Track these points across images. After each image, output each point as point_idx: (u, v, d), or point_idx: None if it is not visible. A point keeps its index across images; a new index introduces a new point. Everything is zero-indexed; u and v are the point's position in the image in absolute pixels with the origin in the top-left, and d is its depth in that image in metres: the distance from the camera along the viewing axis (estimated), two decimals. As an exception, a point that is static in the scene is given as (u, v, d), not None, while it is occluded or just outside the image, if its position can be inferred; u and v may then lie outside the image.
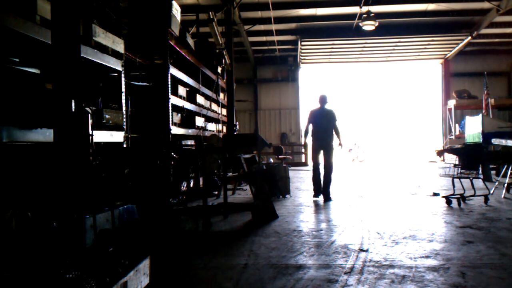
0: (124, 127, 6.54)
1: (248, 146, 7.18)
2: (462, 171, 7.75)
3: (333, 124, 8.55)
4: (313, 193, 8.51)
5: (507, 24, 16.85)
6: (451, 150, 10.24)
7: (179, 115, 9.24)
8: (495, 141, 10.18)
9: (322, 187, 8.35)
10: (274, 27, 16.29)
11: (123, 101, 6.65)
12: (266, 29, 16.96)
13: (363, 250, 4.54)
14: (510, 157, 8.93)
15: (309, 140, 8.84)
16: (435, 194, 8.63)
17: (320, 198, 8.34)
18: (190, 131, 9.84)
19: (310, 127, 8.75)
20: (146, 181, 6.65)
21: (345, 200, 8.30)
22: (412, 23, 16.71)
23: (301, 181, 12.41)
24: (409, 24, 16.83)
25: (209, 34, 13.58)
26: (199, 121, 10.54)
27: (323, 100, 8.82)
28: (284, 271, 3.91)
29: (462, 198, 7.40)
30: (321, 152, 8.55)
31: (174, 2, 8.08)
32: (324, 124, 8.57)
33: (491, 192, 8.13)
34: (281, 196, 8.72)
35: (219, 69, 12.80)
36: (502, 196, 8.12)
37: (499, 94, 19.93)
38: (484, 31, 17.30)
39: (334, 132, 8.54)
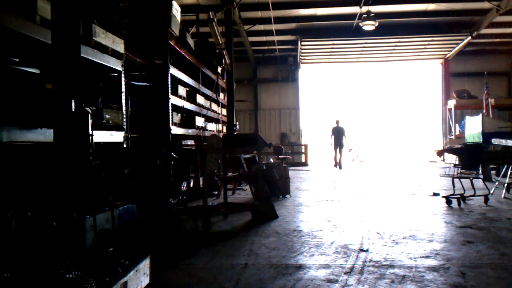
0: (124, 127, 6.53)
1: (248, 146, 7.17)
2: (462, 171, 7.75)
3: (343, 133, 17.30)
4: (333, 165, 17.44)
5: (507, 24, 16.84)
6: (451, 150, 10.25)
7: (179, 115, 9.23)
8: (495, 141, 10.18)
9: (339, 165, 17.23)
10: (274, 27, 16.29)
11: (123, 101, 6.64)
12: (266, 29, 16.96)
13: (363, 250, 4.54)
14: (510, 157, 8.92)
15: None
16: (435, 194, 8.63)
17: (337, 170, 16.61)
18: (190, 131, 9.83)
19: (333, 137, 17.37)
20: (146, 181, 6.64)
21: (345, 200, 8.31)
22: (412, 23, 16.70)
23: (301, 181, 12.41)
24: (409, 24, 16.82)
25: (209, 34, 13.56)
26: (199, 121, 10.53)
27: (337, 122, 17.51)
28: (284, 271, 3.91)
29: (462, 198, 7.40)
30: (338, 148, 17.27)
31: (174, 2, 8.07)
32: (339, 134, 17.28)
33: (491, 192, 8.13)
34: (281, 196, 8.72)
35: (219, 69, 12.79)
36: (502, 196, 8.12)
37: (499, 94, 19.92)
38: (484, 31, 17.29)
39: (343, 137, 17.30)
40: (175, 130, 8.58)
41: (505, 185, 8.47)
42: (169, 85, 7.76)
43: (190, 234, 5.54)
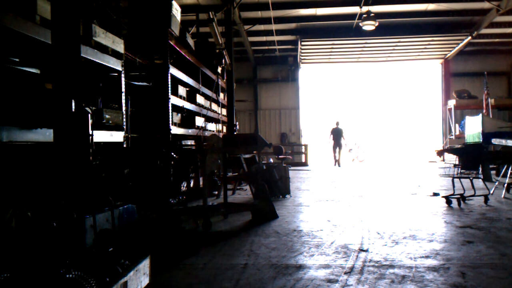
0: (124, 127, 6.53)
1: (248, 146, 7.17)
2: (462, 171, 7.75)
3: (342, 134, 18.62)
4: (333, 164, 18.56)
5: (507, 24, 16.84)
6: (451, 150, 10.25)
7: (179, 115, 9.24)
8: (495, 141, 10.18)
9: (338, 162, 18.53)
10: (274, 27, 16.29)
11: (123, 101, 6.64)
12: (266, 29, 16.96)
13: (363, 250, 4.54)
14: (510, 157, 8.93)
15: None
16: (435, 194, 8.64)
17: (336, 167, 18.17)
18: (190, 131, 9.83)
19: (331, 136, 18.73)
20: (146, 181, 6.64)
21: (345, 200, 8.30)
22: (412, 23, 16.70)
23: (301, 181, 12.42)
24: (409, 24, 16.82)
25: (209, 34, 13.57)
26: (199, 121, 10.53)
27: (337, 123, 18.83)
28: (284, 271, 3.91)
29: (462, 198, 7.40)
30: (337, 148, 18.60)
31: (174, 2, 8.07)
32: (338, 135, 18.58)
33: (491, 192, 8.13)
34: (281, 196, 8.72)
35: (219, 69, 12.78)
36: (502, 196, 8.12)
37: (499, 94, 19.92)
38: (484, 31, 17.29)
39: (342, 138, 18.62)
40: (175, 130, 8.58)
41: (505, 185, 8.47)
42: (169, 85, 7.75)
43: (190, 234, 5.54)
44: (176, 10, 8.23)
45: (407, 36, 17.74)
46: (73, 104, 3.66)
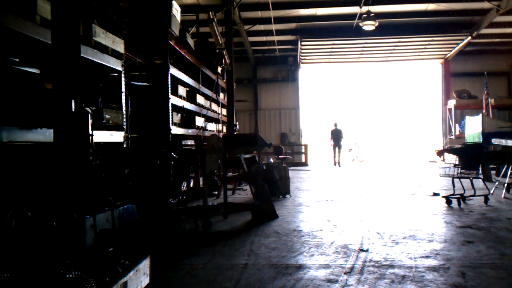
0: (124, 127, 6.53)
1: (248, 146, 7.17)
2: (462, 171, 7.75)
3: (341, 135, 19.01)
4: (333, 164, 18.86)
5: (507, 24, 16.84)
6: (451, 150, 10.25)
7: (179, 115, 9.23)
8: (495, 141, 10.18)
9: (338, 163, 18.84)
10: (274, 27, 16.29)
11: (123, 101, 6.64)
12: (266, 29, 16.96)
13: (363, 250, 4.54)
14: (510, 157, 8.92)
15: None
16: (435, 194, 8.63)
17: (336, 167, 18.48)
18: (190, 131, 9.83)
19: (332, 138, 19.13)
20: (146, 181, 6.64)
21: (345, 200, 8.30)
22: (412, 23, 16.71)
23: (301, 181, 12.41)
24: (409, 24, 16.83)
25: (209, 34, 13.57)
26: (199, 121, 10.53)
27: (336, 124, 19.24)
28: (284, 271, 3.91)
29: (462, 198, 7.40)
30: (337, 148, 18.95)
31: (174, 2, 8.07)
32: (338, 136, 18.97)
33: (491, 192, 8.13)
34: (281, 196, 8.72)
35: (219, 69, 12.78)
36: (502, 196, 8.12)
37: (499, 94, 19.92)
38: (484, 31, 17.30)
39: (341, 138, 19.03)
40: (175, 130, 8.58)
41: (505, 185, 8.47)
42: (169, 85, 7.75)
43: (190, 234, 5.53)
44: (176, 10, 8.23)
45: (407, 36, 17.75)
46: (73, 104, 3.66)
